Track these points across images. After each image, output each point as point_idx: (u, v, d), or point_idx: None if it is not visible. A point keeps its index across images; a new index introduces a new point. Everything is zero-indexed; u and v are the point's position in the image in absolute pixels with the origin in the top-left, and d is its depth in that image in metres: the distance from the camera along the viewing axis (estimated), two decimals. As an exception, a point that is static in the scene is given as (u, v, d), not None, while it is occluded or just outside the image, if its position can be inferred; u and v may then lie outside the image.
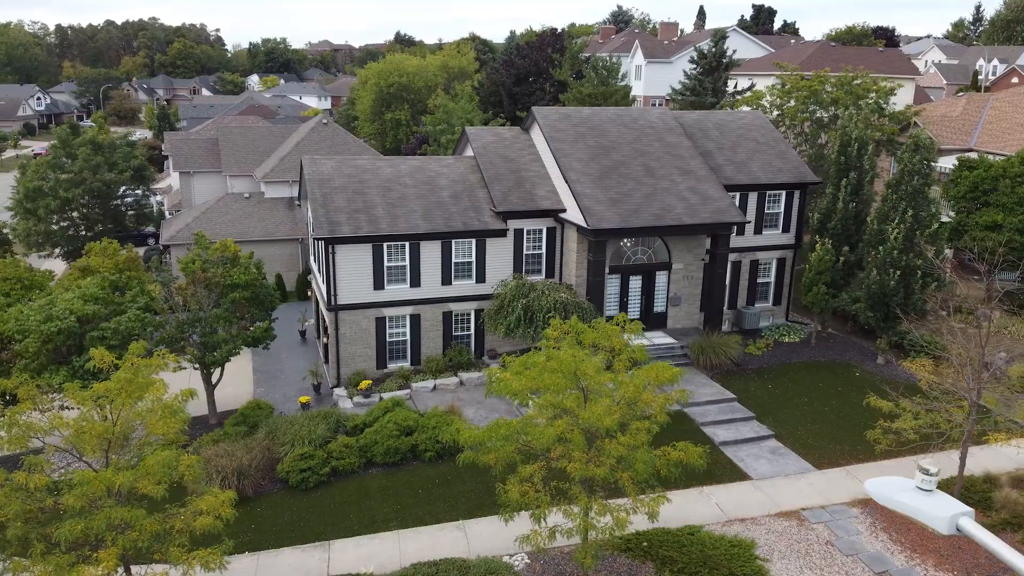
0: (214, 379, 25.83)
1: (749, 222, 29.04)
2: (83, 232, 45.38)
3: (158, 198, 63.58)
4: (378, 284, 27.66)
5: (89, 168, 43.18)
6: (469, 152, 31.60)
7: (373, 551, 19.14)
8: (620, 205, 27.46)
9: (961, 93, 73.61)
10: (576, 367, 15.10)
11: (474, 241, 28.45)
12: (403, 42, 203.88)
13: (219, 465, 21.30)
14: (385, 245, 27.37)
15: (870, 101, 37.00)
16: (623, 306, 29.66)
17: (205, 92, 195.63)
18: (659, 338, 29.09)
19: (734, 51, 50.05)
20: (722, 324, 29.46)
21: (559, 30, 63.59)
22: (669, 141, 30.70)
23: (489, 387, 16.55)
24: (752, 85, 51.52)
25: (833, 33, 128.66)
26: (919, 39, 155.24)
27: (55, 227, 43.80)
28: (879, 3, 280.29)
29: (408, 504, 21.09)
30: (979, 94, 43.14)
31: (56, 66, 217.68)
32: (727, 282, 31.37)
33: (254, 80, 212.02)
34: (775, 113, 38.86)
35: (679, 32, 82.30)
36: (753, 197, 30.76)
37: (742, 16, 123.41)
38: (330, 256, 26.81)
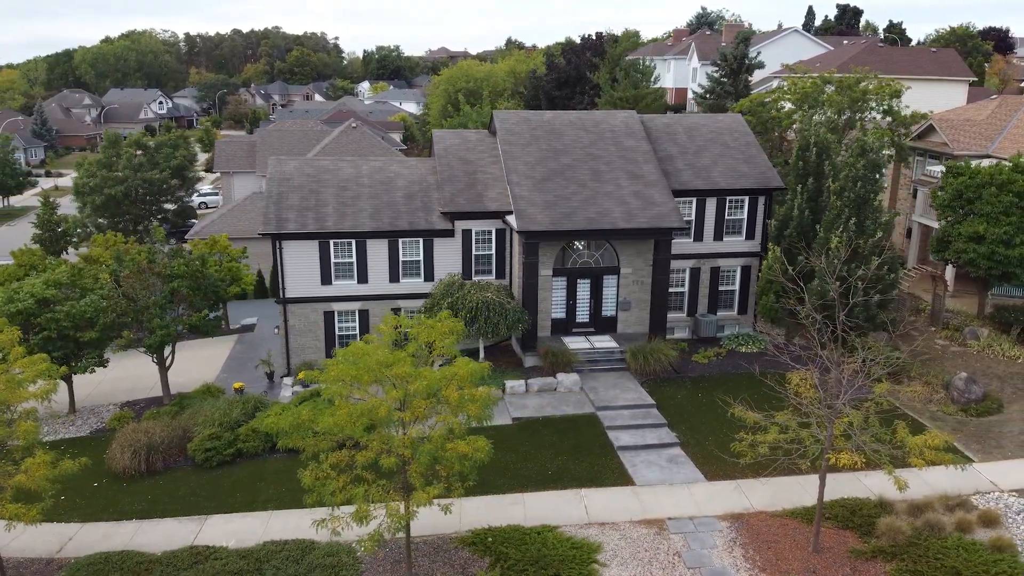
0: (167, 362, 27.86)
1: (688, 228, 28.42)
2: (130, 227, 49.28)
3: (220, 196, 67.97)
4: (325, 279, 28.93)
5: (131, 167, 46.94)
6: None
7: (241, 528, 20.30)
8: (555, 208, 27.57)
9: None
10: (366, 359, 15.67)
11: (421, 240, 29.24)
12: (514, 47, 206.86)
13: (132, 440, 23.09)
14: (332, 242, 28.61)
15: (871, 104, 35.20)
16: (570, 309, 29.69)
17: (318, 98, 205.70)
18: (601, 342, 28.93)
19: (758, 53, 48.51)
20: (666, 330, 28.95)
21: (603, 34, 63.38)
22: (627, 145, 30.45)
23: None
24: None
25: (936, 34, 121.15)
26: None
27: (102, 221, 47.82)
28: (1008, 3, 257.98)
29: (296, 488, 21.86)
30: (1014, 97, 39.95)
31: (183, 72, 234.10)
32: (685, 289, 30.86)
33: (364, 86, 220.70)
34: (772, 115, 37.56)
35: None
36: (712, 202, 30.04)
37: (826, 16, 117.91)
38: (278, 251, 28.30)
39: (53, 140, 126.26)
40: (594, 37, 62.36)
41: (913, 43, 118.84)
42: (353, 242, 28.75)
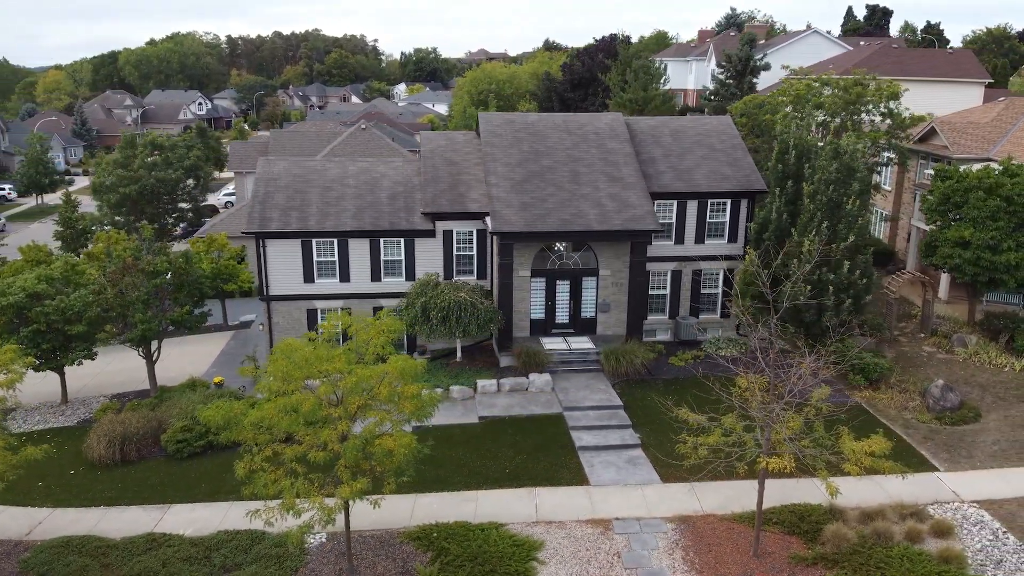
0: (154, 357, 28.73)
1: (663, 230, 28.38)
2: (146, 224, 50.60)
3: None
4: (308, 278, 29.54)
5: (146, 167, 48.31)
6: (424, 156, 32.86)
7: (200, 517, 20.94)
8: (530, 209, 27.79)
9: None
10: (296, 355, 16.12)
11: (403, 240, 29.69)
12: (551, 48, 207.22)
13: (109, 430, 23.92)
14: (314, 241, 29.21)
15: (867, 106, 34.71)
16: (549, 310, 29.85)
17: (354, 99, 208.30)
18: (579, 343, 29.06)
19: (763, 55, 48.03)
20: (643, 332, 28.97)
21: (617, 36, 63.28)
22: (609, 147, 30.53)
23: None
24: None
25: (972, 35, 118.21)
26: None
27: (119, 219, 49.27)
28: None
29: (259, 480, 22.73)
30: (1021, 100, 38.92)
31: (224, 74, 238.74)
32: (667, 291, 30.83)
33: (401, 88, 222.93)
34: (766, 116, 37.24)
35: (766, 33, 78.94)
36: (693, 205, 29.96)
37: (854, 17, 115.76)
38: (261, 250, 28.99)
39: (92, 140, 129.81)
40: (608, 39, 62.36)
41: (951, 44, 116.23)
42: (335, 241, 29.32)
